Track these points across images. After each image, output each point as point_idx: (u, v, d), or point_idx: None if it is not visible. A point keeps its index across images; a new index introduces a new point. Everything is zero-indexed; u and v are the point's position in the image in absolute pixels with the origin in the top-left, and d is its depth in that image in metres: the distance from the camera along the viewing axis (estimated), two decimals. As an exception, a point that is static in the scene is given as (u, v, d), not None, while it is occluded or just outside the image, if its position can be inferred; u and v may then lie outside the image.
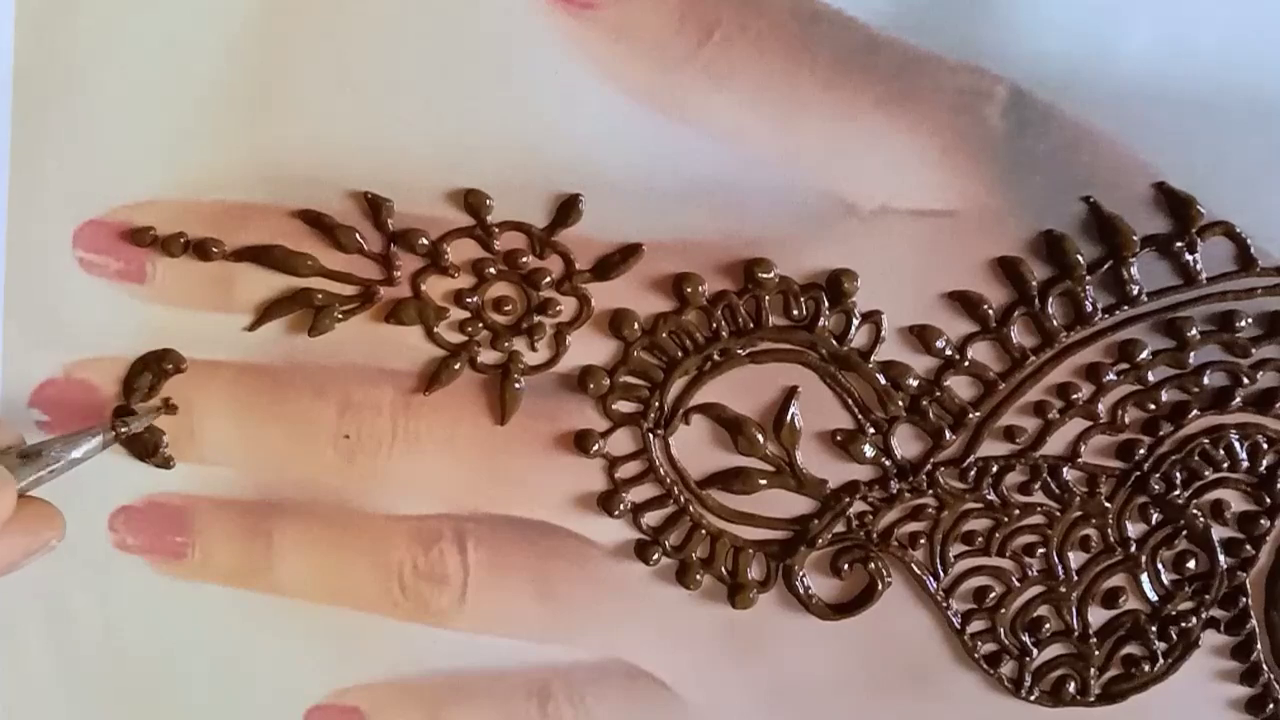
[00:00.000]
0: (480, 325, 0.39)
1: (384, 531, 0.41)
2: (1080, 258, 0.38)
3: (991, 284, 0.39)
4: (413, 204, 0.39)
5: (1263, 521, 0.40)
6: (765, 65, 0.37)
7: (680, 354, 0.39)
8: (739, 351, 0.39)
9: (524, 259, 0.39)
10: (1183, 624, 0.41)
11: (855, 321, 0.39)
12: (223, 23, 0.38)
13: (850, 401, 0.39)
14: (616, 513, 0.40)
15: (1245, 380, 0.39)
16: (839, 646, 0.41)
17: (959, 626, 0.41)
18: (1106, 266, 0.38)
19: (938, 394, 0.39)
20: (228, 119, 0.38)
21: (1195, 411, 0.39)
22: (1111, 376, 0.39)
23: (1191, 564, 0.41)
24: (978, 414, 0.39)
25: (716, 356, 0.39)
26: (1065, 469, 0.40)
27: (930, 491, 0.40)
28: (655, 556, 0.40)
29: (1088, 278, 0.38)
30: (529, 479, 0.40)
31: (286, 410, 0.40)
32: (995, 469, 0.40)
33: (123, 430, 0.37)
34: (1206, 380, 0.39)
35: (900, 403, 0.39)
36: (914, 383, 0.39)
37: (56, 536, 0.34)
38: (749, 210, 0.38)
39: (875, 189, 0.38)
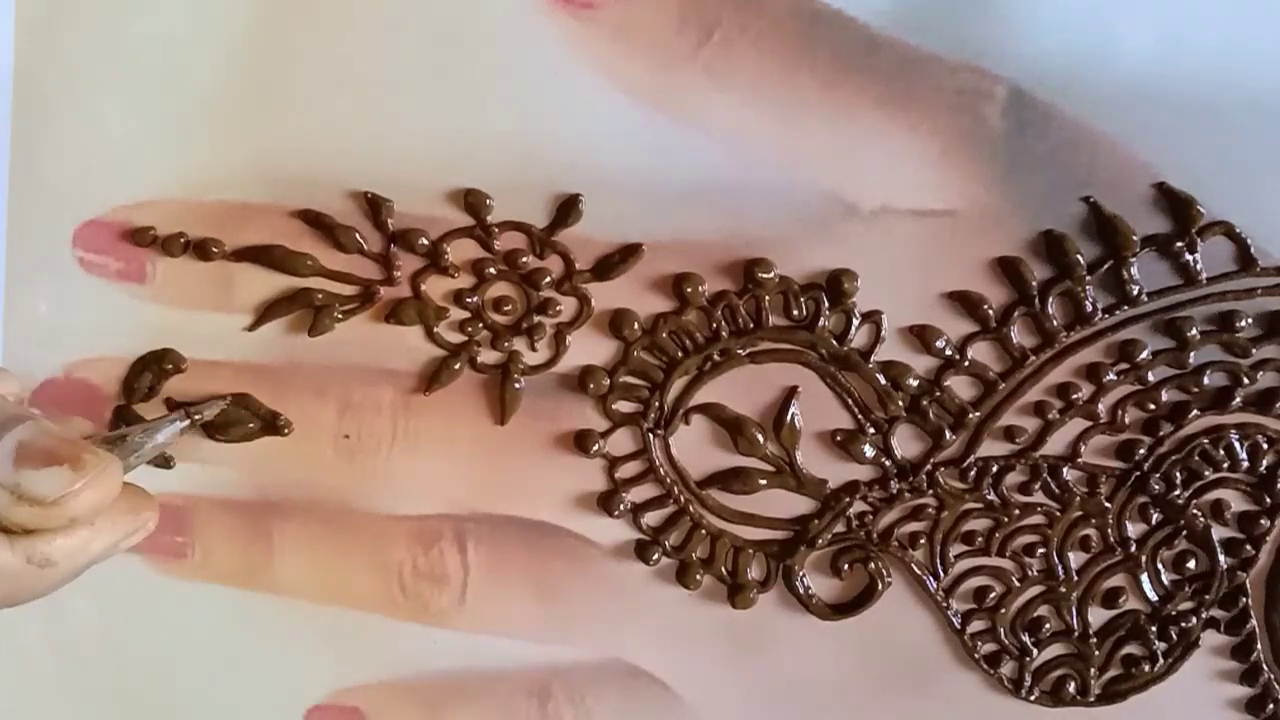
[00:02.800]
0: (480, 325, 0.39)
1: (384, 531, 0.41)
2: (1080, 258, 0.38)
3: (991, 284, 0.39)
4: (413, 204, 0.39)
5: (1263, 521, 0.40)
6: (765, 65, 0.37)
7: (680, 354, 0.39)
8: (739, 351, 0.39)
9: (524, 259, 0.39)
10: (1183, 624, 0.41)
11: (855, 321, 0.39)
12: (223, 23, 0.38)
13: (850, 401, 0.39)
14: (616, 513, 0.40)
15: (1245, 380, 0.39)
16: (839, 646, 0.41)
17: (959, 626, 0.41)
18: (1106, 266, 0.38)
19: (938, 394, 0.39)
20: (228, 119, 0.38)
21: (1195, 411, 0.39)
22: (1111, 376, 0.39)
23: (1191, 564, 0.41)
24: (978, 414, 0.39)
25: (716, 356, 0.39)
26: (1065, 469, 0.40)
27: (930, 491, 0.40)
28: (655, 556, 0.40)
29: (1088, 278, 0.38)
30: (529, 479, 0.40)
31: (286, 410, 0.40)
32: (995, 469, 0.40)
33: (196, 417, 0.37)
34: (1206, 380, 0.39)
35: (900, 403, 0.39)
36: (914, 383, 0.39)
37: (154, 517, 0.34)
38: (749, 210, 0.38)
39: (875, 189, 0.38)
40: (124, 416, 0.40)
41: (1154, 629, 0.41)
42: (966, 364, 0.39)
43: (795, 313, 0.39)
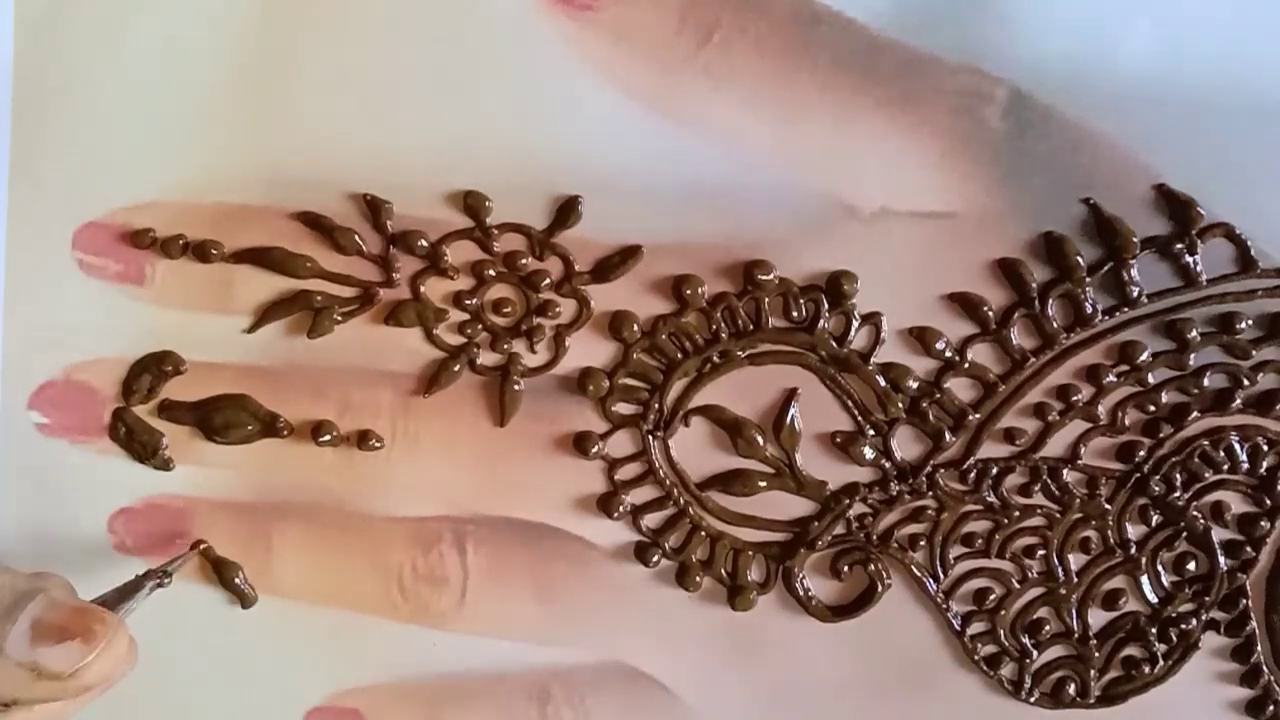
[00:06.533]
0: (480, 327, 0.39)
1: (384, 533, 0.41)
2: (1080, 259, 0.38)
3: (991, 286, 0.39)
4: (412, 206, 0.38)
5: (1263, 523, 0.40)
6: (765, 67, 0.37)
7: (680, 356, 0.39)
8: (739, 353, 0.39)
9: (523, 261, 0.39)
10: (1183, 626, 0.41)
11: (855, 323, 0.39)
12: (223, 24, 0.38)
13: (850, 403, 0.39)
14: (616, 515, 0.40)
15: (1245, 382, 0.39)
16: (839, 648, 0.41)
17: (959, 628, 0.41)
18: (1107, 268, 0.38)
19: (938, 396, 0.39)
20: (227, 120, 0.38)
21: (1195, 413, 0.39)
22: (1111, 378, 0.39)
23: (1192, 566, 0.41)
24: (978, 416, 0.39)
25: (716, 358, 0.39)
26: (1065, 471, 0.40)
27: (930, 493, 0.40)
28: (655, 558, 0.40)
29: (1088, 279, 0.38)
30: (528, 481, 0.40)
31: (286, 412, 0.40)
32: (995, 471, 0.40)
33: (166, 581, 0.38)
34: (1207, 382, 0.39)
35: (900, 404, 0.39)
36: (914, 384, 0.39)
37: (130, 669, 0.34)
38: (749, 212, 0.38)
39: (875, 191, 0.38)
40: (123, 418, 0.40)
41: (1154, 631, 0.41)
42: (966, 366, 0.39)
43: (795, 314, 0.39)
